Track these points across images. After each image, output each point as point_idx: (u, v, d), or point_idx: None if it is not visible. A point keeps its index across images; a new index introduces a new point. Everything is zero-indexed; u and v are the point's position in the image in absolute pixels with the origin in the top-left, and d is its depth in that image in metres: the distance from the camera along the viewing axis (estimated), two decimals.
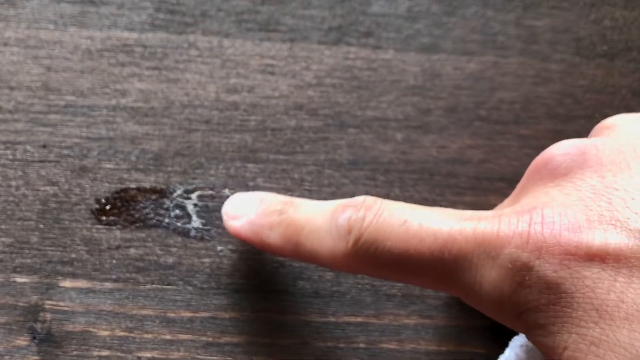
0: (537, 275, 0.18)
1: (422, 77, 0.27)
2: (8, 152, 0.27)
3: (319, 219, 0.21)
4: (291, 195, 0.25)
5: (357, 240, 0.20)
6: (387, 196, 0.26)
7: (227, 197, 0.26)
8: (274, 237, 0.21)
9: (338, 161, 0.26)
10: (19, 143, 0.27)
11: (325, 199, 0.26)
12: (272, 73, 0.28)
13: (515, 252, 0.18)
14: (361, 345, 0.25)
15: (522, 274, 0.18)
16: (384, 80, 0.27)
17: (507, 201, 0.22)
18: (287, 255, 0.22)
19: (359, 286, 0.25)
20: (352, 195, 0.25)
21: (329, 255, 0.20)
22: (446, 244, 0.19)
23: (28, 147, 0.27)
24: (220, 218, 0.26)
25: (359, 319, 0.25)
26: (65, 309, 0.25)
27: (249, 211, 0.23)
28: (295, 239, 0.21)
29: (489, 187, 0.26)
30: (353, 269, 0.21)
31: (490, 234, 0.19)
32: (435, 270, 0.19)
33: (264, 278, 0.25)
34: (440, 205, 0.25)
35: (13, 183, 0.26)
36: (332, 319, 0.25)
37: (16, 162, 0.27)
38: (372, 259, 0.20)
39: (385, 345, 0.24)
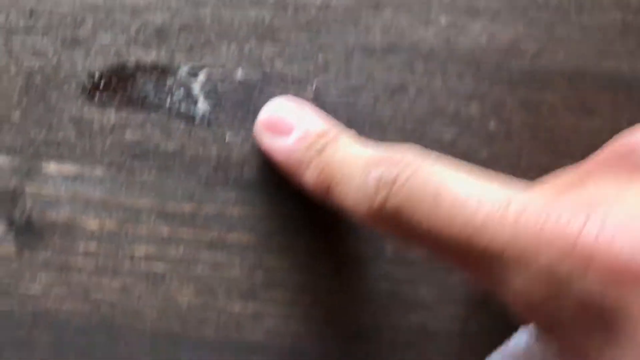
0: (578, 292, 0.15)
1: None
2: None
3: (354, 169, 0.18)
4: (316, 80, 0.22)
5: (382, 205, 0.17)
6: (427, 87, 0.23)
7: (240, 80, 0.23)
8: (309, 176, 0.19)
9: (370, 45, 0.23)
10: (2, 8, 0.23)
11: (353, 87, 0.23)
12: None
13: (555, 258, 0.15)
14: (388, 252, 0.22)
15: (557, 287, 0.15)
16: None
17: (570, 174, 0.18)
18: (318, 197, 0.20)
19: None
20: (385, 84, 0.22)
21: (354, 210, 0.18)
22: (477, 232, 0.16)
23: (12, 13, 0.23)
24: (231, 102, 0.22)
25: None
26: (49, 195, 0.22)
27: (288, 131, 0.20)
28: (327, 184, 0.19)
29: (545, 83, 0.23)
30: (378, 229, 0.19)
31: (533, 228, 0.16)
32: (460, 255, 0.17)
33: (277, 173, 0.22)
34: (487, 100, 0.22)
35: None
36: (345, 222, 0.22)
37: None
38: (396, 226, 0.17)
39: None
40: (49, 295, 0.22)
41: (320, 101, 0.23)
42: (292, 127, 0.21)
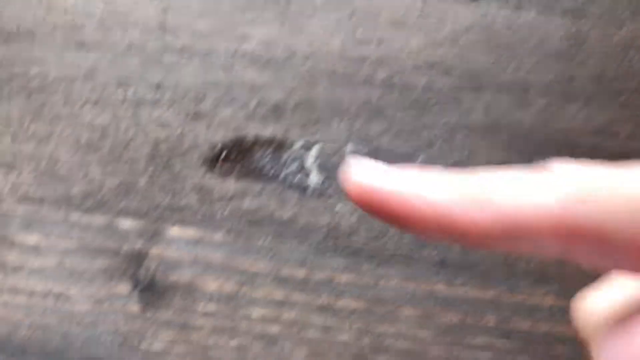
0: None
1: (566, 42, 0.26)
2: (119, 91, 0.25)
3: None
4: (421, 155, 0.24)
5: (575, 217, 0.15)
6: (525, 164, 0.24)
7: (350, 152, 0.24)
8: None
9: (472, 125, 0.25)
10: (132, 83, 0.26)
11: (457, 162, 0.24)
12: (403, 27, 0.26)
13: None
14: (490, 322, 0.23)
15: None
16: (525, 42, 0.26)
17: None
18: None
19: (491, 259, 0.23)
20: (487, 161, 0.24)
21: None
22: None
23: (141, 87, 0.25)
24: (337, 175, 0.24)
25: (490, 294, 0.23)
26: (171, 258, 0.24)
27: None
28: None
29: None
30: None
31: None
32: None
33: (385, 242, 0.24)
34: None
35: (123, 124, 0.25)
36: (460, 292, 0.23)
37: (127, 102, 0.25)
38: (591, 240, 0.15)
39: (517, 325, 0.23)
40: (170, 353, 0.23)
41: None
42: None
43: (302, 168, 0.24)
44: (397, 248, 0.24)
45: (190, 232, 0.24)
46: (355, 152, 0.24)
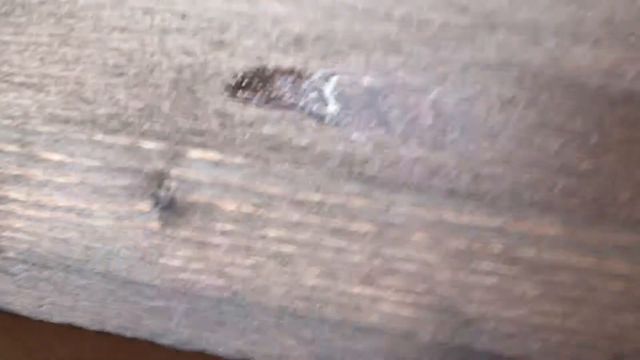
0: None
1: None
2: (147, 17, 0.26)
3: None
4: (435, 90, 0.24)
5: None
6: (535, 101, 0.25)
7: (366, 87, 0.25)
8: None
9: (485, 61, 0.25)
10: (159, 11, 0.26)
11: (468, 98, 0.25)
12: None
13: None
14: (496, 249, 0.24)
15: None
16: None
17: None
18: None
19: (499, 188, 0.24)
20: (498, 96, 0.24)
21: None
22: None
23: (167, 15, 0.26)
24: (358, 106, 0.25)
25: (497, 222, 0.24)
26: (192, 179, 0.25)
27: None
28: None
29: None
30: None
31: None
32: None
33: (396, 171, 0.24)
34: (589, 116, 0.24)
35: (149, 49, 0.26)
36: (467, 219, 0.24)
37: (154, 29, 0.26)
38: None
39: (522, 253, 0.24)
40: (187, 269, 0.24)
41: (437, 109, 0.25)
42: None
43: (320, 98, 0.25)
44: (408, 177, 0.24)
45: (210, 155, 0.25)
46: (372, 84, 0.25)
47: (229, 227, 0.25)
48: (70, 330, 0.26)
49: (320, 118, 0.25)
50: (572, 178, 0.24)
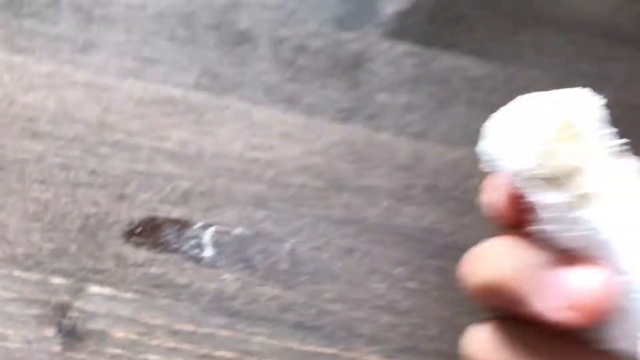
0: None
1: (410, 158, 0.33)
2: (63, 173, 0.32)
3: None
4: (291, 240, 0.30)
5: None
6: (369, 251, 0.31)
7: (237, 235, 0.31)
8: None
9: (332, 217, 0.31)
10: (73, 168, 0.32)
11: (319, 246, 0.31)
12: (289, 138, 0.33)
13: None
14: None
15: None
16: (379, 156, 0.33)
17: None
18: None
19: (336, 323, 0.30)
20: (340, 247, 0.30)
21: None
22: None
23: (80, 171, 0.32)
24: (229, 251, 0.30)
25: (333, 350, 0.29)
26: (90, 310, 0.30)
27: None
28: None
29: (454, 256, 0.31)
30: None
31: None
32: None
33: (257, 306, 0.30)
34: (410, 266, 0.31)
35: (63, 199, 0.31)
36: (309, 348, 0.29)
37: (68, 183, 0.32)
38: None
39: None
40: None
41: (293, 255, 0.31)
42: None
43: (199, 244, 0.31)
44: (266, 312, 0.30)
45: (106, 290, 0.30)
46: (242, 233, 0.31)
47: (117, 351, 0.29)
48: None
49: (198, 261, 0.31)
50: (393, 315, 0.29)
